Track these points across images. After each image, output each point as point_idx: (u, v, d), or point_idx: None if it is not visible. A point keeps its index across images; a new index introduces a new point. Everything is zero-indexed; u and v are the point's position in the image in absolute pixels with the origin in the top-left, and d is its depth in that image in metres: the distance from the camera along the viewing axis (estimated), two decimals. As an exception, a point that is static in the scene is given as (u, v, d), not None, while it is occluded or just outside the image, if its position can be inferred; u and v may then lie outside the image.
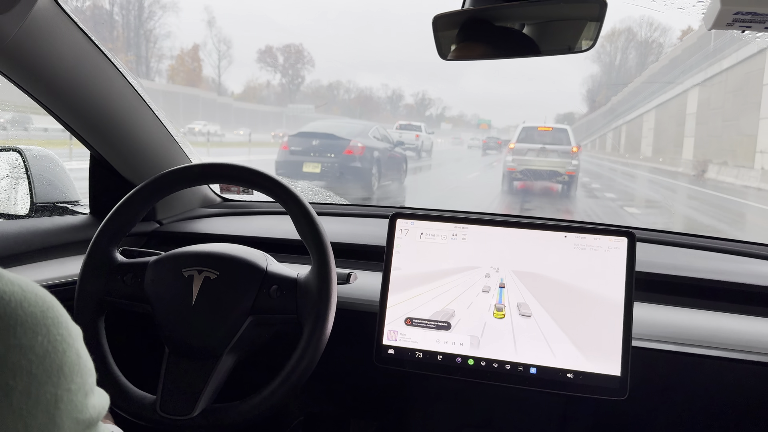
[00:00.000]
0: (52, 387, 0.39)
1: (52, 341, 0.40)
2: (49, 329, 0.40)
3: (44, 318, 0.40)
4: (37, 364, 0.39)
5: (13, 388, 0.37)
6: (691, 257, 1.30)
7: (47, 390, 0.39)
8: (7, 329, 0.38)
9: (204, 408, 0.91)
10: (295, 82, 41.09)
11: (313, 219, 0.95)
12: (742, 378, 1.01)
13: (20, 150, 1.42)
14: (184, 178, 1.02)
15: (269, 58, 43.10)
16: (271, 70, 42.67)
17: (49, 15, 1.01)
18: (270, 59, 42.90)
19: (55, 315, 0.41)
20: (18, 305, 0.39)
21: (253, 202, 1.74)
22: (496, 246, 1.04)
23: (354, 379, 1.38)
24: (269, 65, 42.45)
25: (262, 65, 42.65)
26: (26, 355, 0.38)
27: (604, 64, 42.40)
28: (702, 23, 0.75)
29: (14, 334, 0.38)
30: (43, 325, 0.40)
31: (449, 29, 0.99)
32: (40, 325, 0.40)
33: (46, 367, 0.39)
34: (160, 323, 0.96)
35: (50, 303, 0.42)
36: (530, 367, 0.99)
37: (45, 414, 0.39)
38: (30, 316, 0.39)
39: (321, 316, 0.91)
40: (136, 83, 1.29)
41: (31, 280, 0.42)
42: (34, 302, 0.40)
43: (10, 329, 0.38)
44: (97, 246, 1.01)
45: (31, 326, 0.39)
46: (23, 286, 0.40)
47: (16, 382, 0.37)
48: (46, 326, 0.40)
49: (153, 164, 1.40)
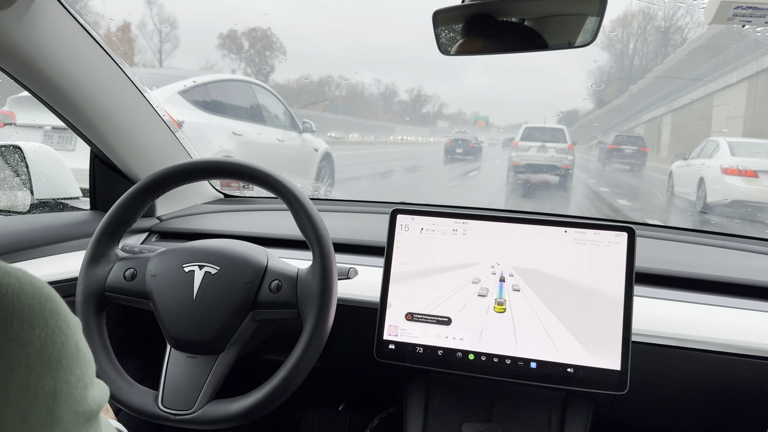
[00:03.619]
0: (51, 380, 0.39)
1: (50, 333, 0.39)
2: (47, 321, 0.40)
3: (42, 310, 0.39)
4: (35, 357, 0.38)
5: (10, 382, 0.36)
6: (691, 252, 1.30)
7: (46, 383, 0.38)
8: (3, 322, 0.37)
9: (205, 403, 0.92)
10: (263, 72, 34.93)
11: (313, 214, 0.95)
12: (743, 372, 1.01)
13: (20, 146, 1.42)
14: (184, 174, 1.02)
15: (233, 45, 36.18)
16: (235, 58, 36.22)
17: (49, 11, 1.01)
18: (233, 46, 36.06)
19: (53, 307, 0.41)
20: (15, 297, 0.38)
21: (254, 198, 1.75)
22: (496, 241, 1.04)
23: (354, 374, 1.38)
24: (233, 52, 35.90)
25: (225, 52, 36.08)
26: (24, 347, 0.37)
27: (614, 53, 36.13)
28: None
29: (11, 327, 0.37)
30: (40, 317, 0.39)
31: (449, 24, 0.99)
32: (37, 317, 0.39)
33: (44, 359, 0.38)
34: (161, 319, 0.96)
35: (48, 294, 0.41)
36: (530, 361, 0.99)
37: (44, 407, 0.38)
38: (27, 308, 0.39)
39: (321, 312, 0.91)
40: (136, 79, 1.29)
41: (28, 271, 0.42)
42: (31, 294, 0.39)
43: (7, 322, 0.37)
44: (98, 242, 1.01)
45: (28, 318, 0.38)
46: (20, 277, 0.40)
47: (13, 375, 0.37)
48: (43, 318, 0.39)
49: (153, 160, 1.41)
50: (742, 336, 1.01)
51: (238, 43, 35.56)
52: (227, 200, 1.74)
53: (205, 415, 0.91)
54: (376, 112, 37.45)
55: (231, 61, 35.93)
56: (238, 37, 35.70)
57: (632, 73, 33.32)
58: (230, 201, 1.73)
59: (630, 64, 34.51)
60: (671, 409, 1.13)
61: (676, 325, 1.04)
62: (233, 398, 0.92)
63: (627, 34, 34.43)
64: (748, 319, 1.05)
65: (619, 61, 35.35)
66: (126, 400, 0.94)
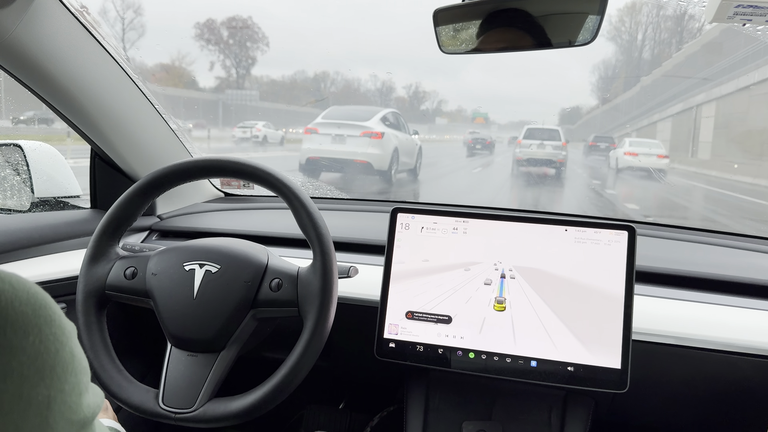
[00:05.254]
0: (45, 388, 0.38)
1: (45, 341, 0.39)
2: (41, 329, 0.39)
3: (36, 317, 0.39)
4: (29, 366, 0.37)
5: (3, 391, 0.36)
6: (691, 251, 1.30)
7: (39, 392, 0.38)
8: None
9: (206, 401, 0.92)
10: (243, 65, 32.32)
11: (313, 213, 0.95)
12: (743, 371, 1.01)
13: (20, 144, 1.42)
14: (184, 172, 1.02)
15: (211, 35, 32.95)
16: (214, 49, 33.22)
17: (50, 9, 1.01)
18: (212, 36, 32.88)
19: (47, 313, 0.40)
20: (8, 304, 0.38)
21: (254, 197, 1.75)
22: (496, 239, 1.04)
23: (355, 372, 1.38)
24: (211, 43, 32.76)
25: (203, 43, 32.77)
26: (17, 356, 0.37)
27: (622, 45, 33.53)
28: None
29: (4, 335, 0.37)
30: (34, 324, 0.38)
31: (449, 23, 0.99)
32: (31, 325, 0.38)
33: (38, 368, 0.38)
34: (162, 317, 0.96)
35: (42, 301, 0.40)
36: (531, 360, 0.99)
37: (37, 416, 0.38)
38: (21, 315, 0.38)
39: (322, 310, 0.91)
40: (136, 77, 1.29)
41: (24, 276, 0.41)
42: (25, 300, 0.39)
43: (0, 330, 0.37)
44: (99, 240, 1.01)
45: (22, 326, 0.38)
46: (14, 283, 0.39)
47: (6, 384, 0.36)
48: (38, 326, 0.39)
49: (153, 159, 1.41)
50: (743, 334, 1.01)
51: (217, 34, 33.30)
52: (228, 199, 1.74)
53: (206, 413, 0.91)
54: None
55: (210, 53, 33.28)
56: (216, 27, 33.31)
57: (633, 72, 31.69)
58: (231, 199, 1.73)
59: (639, 57, 32.38)
60: (671, 408, 1.13)
61: (677, 324, 1.04)
62: (234, 396, 0.93)
63: (636, 23, 32.45)
64: (749, 317, 1.05)
65: (627, 54, 33.16)
66: (127, 398, 0.94)
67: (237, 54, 33.28)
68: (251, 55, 34.21)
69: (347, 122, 8.70)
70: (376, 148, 8.47)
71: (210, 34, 33.33)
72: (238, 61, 33.04)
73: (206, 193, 1.70)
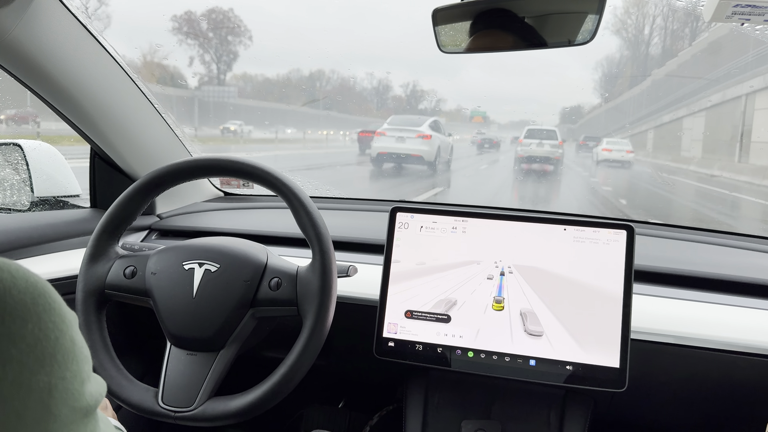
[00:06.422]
0: (45, 375, 0.38)
1: (44, 329, 0.39)
2: (40, 316, 0.39)
3: (35, 305, 0.39)
4: (28, 353, 0.37)
5: (2, 379, 0.36)
6: (690, 250, 1.30)
7: (40, 379, 0.38)
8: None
9: (205, 400, 0.92)
10: (224, 60, 30.24)
11: (312, 212, 0.95)
12: (742, 370, 1.01)
13: (20, 144, 1.42)
14: (184, 171, 1.02)
15: (189, 28, 30.34)
16: (193, 44, 30.51)
17: (49, 9, 1.01)
18: (190, 29, 30.30)
19: (46, 301, 0.40)
20: (7, 292, 0.38)
21: (254, 196, 1.75)
22: (495, 239, 1.04)
23: (354, 371, 1.38)
24: (190, 37, 30.08)
25: (182, 37, 29.94)
26: (16, 344, 0.37)
27: (627, 39, 31.42)
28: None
29: (2, 323, 0.37)
30: (33, 312, 0.39)
31: (448, 22, 0.99)
32: (30, 313, 0.38)
33: (37, 355, 0.38)
34: (161, 316, 0.97)
35: (42, 289, 0.40)
36: (529, 359, 0.99)
37: (39, 403, 0.38)
38: (19, 303, 0.38)
39: (321, 309, 0.91)
40: (136, 77, 1.29)
41: (22, 265, 0.41)
42: (24, 289, 0.39)
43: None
44: (98, 240, 1.01)
45: (20, 314, 0.38)
46: (13, 271, 0.39)
47: (5, 372, 0.36)
48: (36, 314, 0.39)
49: (153, 158, 1.41)
50: (741, 334, 1.01)
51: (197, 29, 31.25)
52: (227, 198, 1.74)
53: (205, 412, 0.91)
54: (367, 108, 34.83)
55: (189, 47, 31.08)
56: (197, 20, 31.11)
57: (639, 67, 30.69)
58: (230, 199, 1.73)
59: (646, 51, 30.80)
60: (670, 407, 1.13)
61: (675, 323, 1.04)
62: (233, 395, 0.93)
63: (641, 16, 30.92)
64: (747, 316, 1.05)
65: (633, 49, 31.67)
66: (126, 397, 0.95)
67: (216, 47, 32.05)
68: (233, 50, 32.85)
69: (406, 127, 11.87)
70: (426, 145, 11.65)
71: (189, 26, 31.61)
72: (218, 56, 31.71)
73: (206, 192, 1.70)
